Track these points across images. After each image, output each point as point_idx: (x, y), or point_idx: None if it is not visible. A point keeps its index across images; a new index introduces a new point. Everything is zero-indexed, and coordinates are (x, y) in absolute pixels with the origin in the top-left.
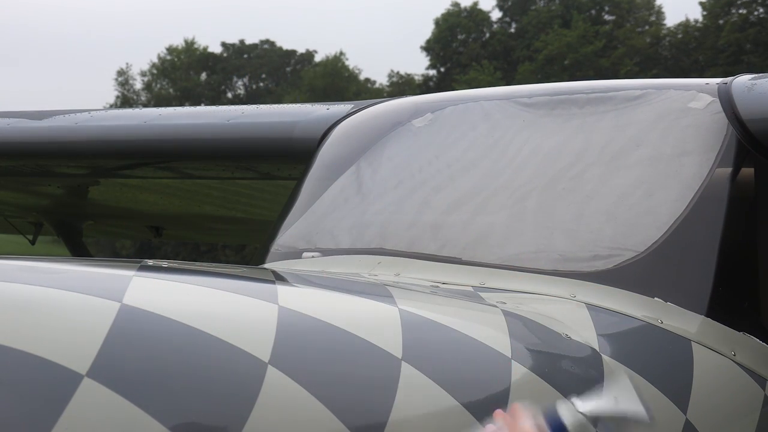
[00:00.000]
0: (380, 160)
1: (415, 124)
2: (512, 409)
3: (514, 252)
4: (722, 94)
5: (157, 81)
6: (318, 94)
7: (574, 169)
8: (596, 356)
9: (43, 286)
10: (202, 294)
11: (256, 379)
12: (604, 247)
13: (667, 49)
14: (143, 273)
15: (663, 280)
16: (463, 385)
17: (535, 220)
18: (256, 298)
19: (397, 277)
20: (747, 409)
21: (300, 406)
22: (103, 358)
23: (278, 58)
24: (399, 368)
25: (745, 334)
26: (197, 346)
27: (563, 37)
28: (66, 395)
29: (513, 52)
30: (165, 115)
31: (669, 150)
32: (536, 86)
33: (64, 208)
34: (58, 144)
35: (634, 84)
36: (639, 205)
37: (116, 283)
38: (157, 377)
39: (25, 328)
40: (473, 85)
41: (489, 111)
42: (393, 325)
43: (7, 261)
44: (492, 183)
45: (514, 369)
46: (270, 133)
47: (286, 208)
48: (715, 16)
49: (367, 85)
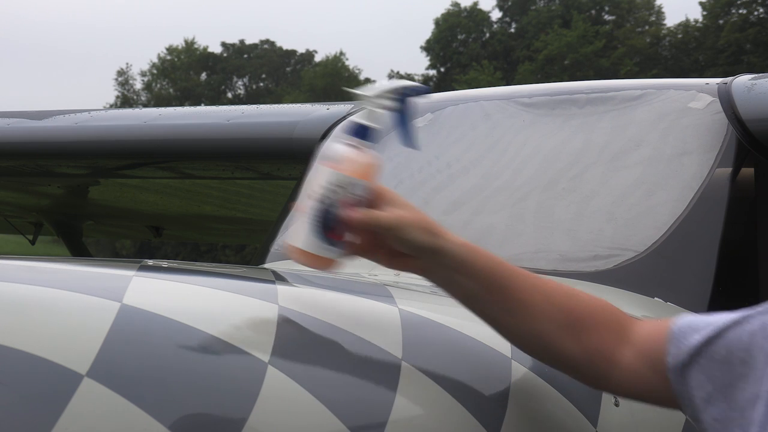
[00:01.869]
0: (380, 160)
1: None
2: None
3: (514, 252)
4: (722, 94)
5: (157, 81)
6: (318, 94)
7: (574, 169)
8: None
9: (43, 286)
10: (202, 294)
11: (256, 379)
12: (604, 247)
13: (667, 49)
14: (143, 273)
15: (663, 280)
16: (463, 385)
17: (535, 220)
18: (256, 298)
19: (397, 277)
20: None
21: (300, 406)
22: (103, 358)
23: (278, 58)
24: (399, 368)
25: None
26: (197, 346)
27: (563, 37)
28: (66, 395)
29: (513, 52)
30: (165, 115)
31: (669, 150)
32: (536, 86)
33: (64, 208)
34: (58, 144)
35: (634, 84)
36: (639, 205)
37: (116, 283)
38: (157, 377)
39: (25, 328)
40: (473, 85)
41: (489, 111)
42: (393, 325)
43: (7, 261)
44: (492, 183)
45: (514, 369)
46: (270, 133)
47: (286, 208)
48: (715, 16)
49: (367, 85)
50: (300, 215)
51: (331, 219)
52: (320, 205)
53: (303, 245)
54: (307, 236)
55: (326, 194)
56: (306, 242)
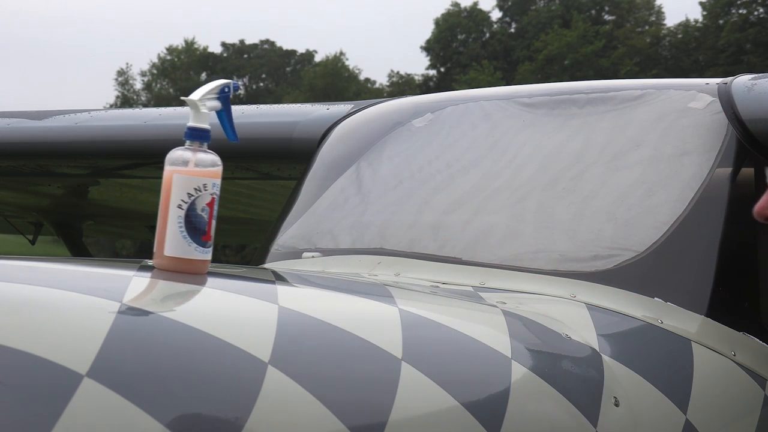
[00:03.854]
0: (380, 160)
1: (415, 124)
2: None
3: (514, 252)
4: (722, 94)
5: (157, 81)
6: (318, 94)
7: (574, 169)
8: (596, 356)
9: (43, 286)
10: (202, 294)
11: (256, 379)
12: (604, 247)
13: (667, 49)
14: (143, 273)
15: (663, 280)
16: (463, 385)
17: (535, 220)
18: (256, 298)
19: (397, 277)
20: (747, 409)
21: (300, 406)
22: (103, 358)
23: (278, 58)
24: (399, 368)
25: (745, 334)
26: (197, 346)
27: (563, 37)
28: (66, 395)
29: (513, 52)
30: (165, 115)
31: (669, 150)
32: (536, 86)
33: (64, 208)
34: (58, 144)
35: (634, 84)
36: (639, 205)
37: (116, 283)
38: (157, 377)
39: (25, 328)
40: (473, 85)
41: (489, 111)
42: (393, 325)
43: (7, 261)
44: (492, 183)
45: (514, 369)
46: (270, 133)
47: (286, 208)
48: (715, 16)
49: (367, 85)
50: (164, 226)
51: (199, 222)
52: (183, 211)
53: (177, 253)
54: (179, 243)
55: (186, 200)
56: (179, 249)
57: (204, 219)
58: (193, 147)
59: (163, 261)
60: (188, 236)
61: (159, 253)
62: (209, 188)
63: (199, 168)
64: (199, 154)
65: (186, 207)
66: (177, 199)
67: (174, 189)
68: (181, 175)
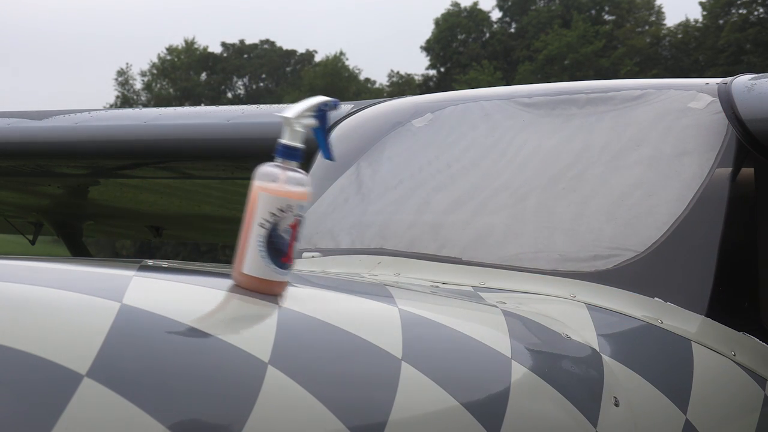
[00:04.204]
0: (380, 160)
1: (415, 124)
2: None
3: (514, 252)
4: (722, 94)
5: (157, 81)
6: (318, 94)
7: (574, 169)
8: (596, 356)
9: (43, 286)
10: (202, 294)
11: (256, 379)
12: (604, 247)
13: (667, 49)
14: (143, 273)
15: (663, 280)
16: (463, 385)
17: (534, 220)
18: (257, 298)
19: (397, 277)
20: (747, 409)
21: (300, 406)
22: (103, 358)
23: (278, 58)
24: (399, 368)
25: (745, 334)
26: (197, 346)
27: (563, 37)
28: (66, 395)
29: (513, 52)
30: (165, 115)
31: (669, 150)
32: (536, 86)
33: (64, 208)
34: (58, 144)
35: (634, 84)
36: (639, 205)
37: (116, 283)
38: (157, 377)
39: (25, 328)
40: (473, 85)
41: (489, 111)
42: (393, 325)
43: (7, 261)
44: (492, 183)
45: (514, 369)
46: (270, 133)
47: None
48: (715, 16)
49: (367, 85)
50: (245, 242)
51: (280, 243)
52: (266, 230)
53: (254, 272)
54: (257, 262)
55: (269, 219)
56: (257, 269)
57: (285, 240)
58: (282, 165)
59: (240, 277)
60: (267, 256)
61: (238, 268)
62: (294, 209)
63: (286, 188)
64: (288, 173)
65: (268, 227)
66: (260, 218)
67: (258, 207)
68: (266, 193)
